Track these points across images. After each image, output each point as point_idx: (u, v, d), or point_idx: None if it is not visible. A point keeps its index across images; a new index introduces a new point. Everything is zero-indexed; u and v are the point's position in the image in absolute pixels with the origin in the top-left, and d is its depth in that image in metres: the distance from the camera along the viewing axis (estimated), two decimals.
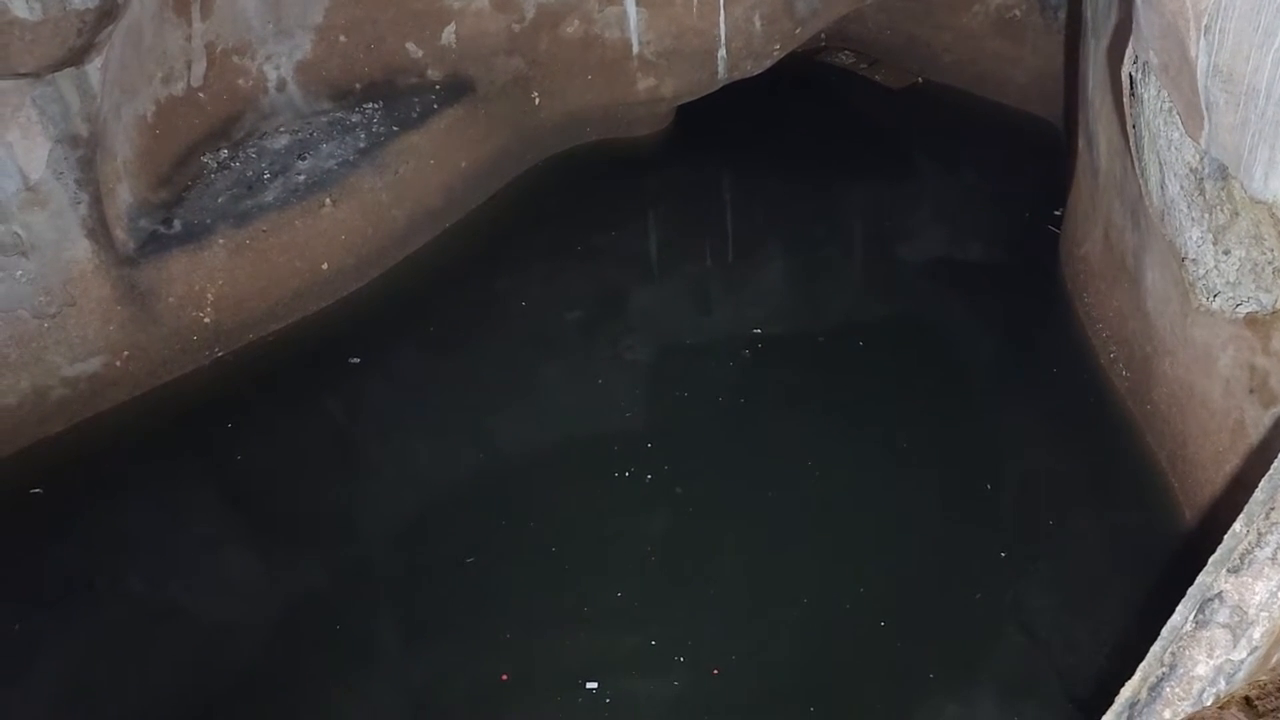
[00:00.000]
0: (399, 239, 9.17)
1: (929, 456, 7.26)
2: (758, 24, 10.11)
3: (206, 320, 8.04)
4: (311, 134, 9.14)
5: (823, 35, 11.79)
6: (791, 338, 8.49)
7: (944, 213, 10.05)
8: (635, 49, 10.14)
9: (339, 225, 8.68)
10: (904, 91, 11.86)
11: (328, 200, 8.59)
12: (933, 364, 8.06)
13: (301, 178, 8.68)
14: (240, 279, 8.17)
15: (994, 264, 9.31)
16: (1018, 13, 10.68)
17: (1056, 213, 9.23)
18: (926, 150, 11.02)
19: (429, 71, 9.72)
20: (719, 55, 10.24)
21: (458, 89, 9.71)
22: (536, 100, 10.23)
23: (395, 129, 9.24)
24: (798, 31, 10.49)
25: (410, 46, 9.60)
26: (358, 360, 8.28)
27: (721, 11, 9.92)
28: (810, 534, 6.79)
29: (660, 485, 7.14)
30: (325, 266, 8.63)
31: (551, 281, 9.24)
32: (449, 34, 9.67)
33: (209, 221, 8.16)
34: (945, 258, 9.49)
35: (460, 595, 6.50)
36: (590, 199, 10.14)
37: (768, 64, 10.58)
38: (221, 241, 8.09)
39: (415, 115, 9.40)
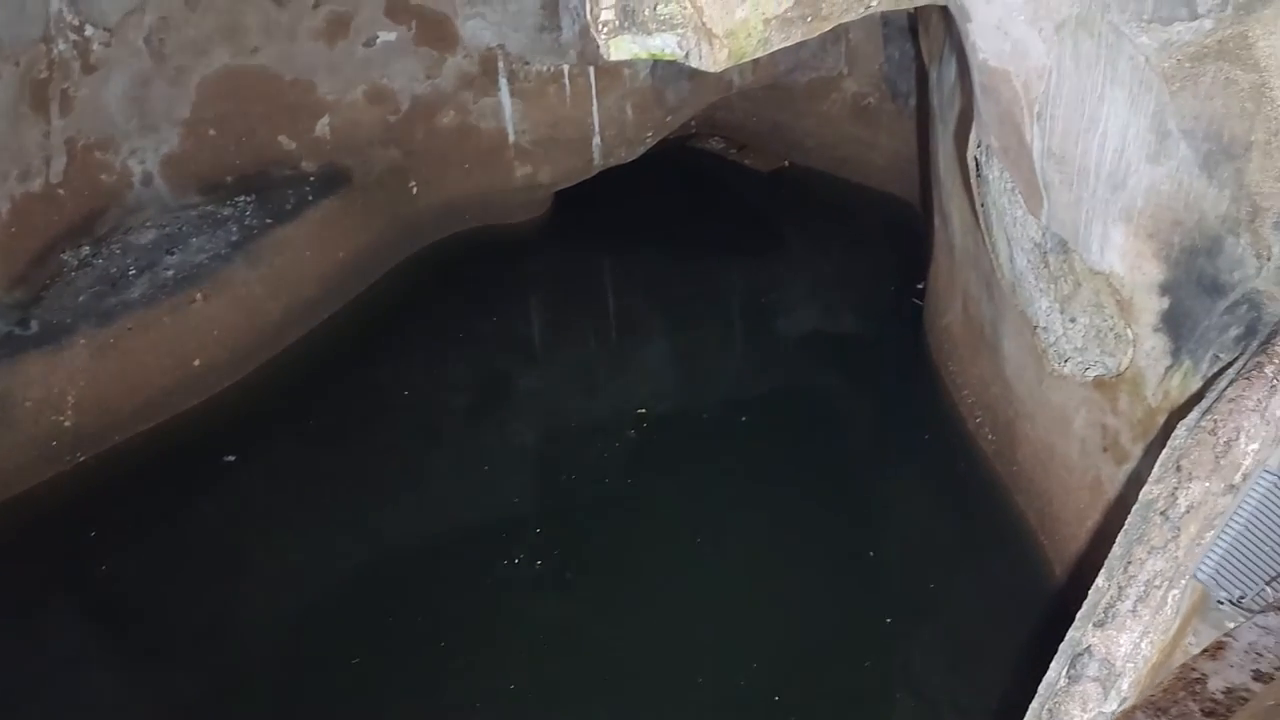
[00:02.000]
0: (275, 332, 8.99)
1: (814, 527, 7.41)
2: (630, 113, 10.46)
3: (67, 424, 7.68)
4: (180, 228, 8.95)
5: (693, 122, 12.25)
6: (676, 415, 8.61)
7: (816, 289, 10.45)
8: (511, 138, 10.34)
9: (211, 320, 8.46)
10: (773, 174, 12.38)
11: (198, 295, 8.38)
12: (812, 436, 8.28)
13: (170, 273, 8.45)
14: (104, 379, 7.86)
15: (864, 336, 9.69)
16: (872, 100, 11.34)
17: (919, 286, 9.70)
18: (796, 229, 11.49)
19: (303, 163, 9.68)
20: (594, 143, 10.53)
21: (333, 180, 9.69)
22: (414, 189, 10.28)
23: (269, 221, 9.13)
24: (668, 119, 10.89)
25: (283, 139, 9.56)
26: (233, 458, 8.01)
27: (595, 101, 10.24)
28: (702, 612, 6.80)
29: (550, 572, 7.09)
30: (197, 363, 8.38)
31: (434, 369, 9.18)
32: (323, 126, 9.68)
33: (69, 321, 7.85)
34: (819, 331, 9.84)
35: (345, 700, 6.25)
36: (471, 286, 10.18)
37: (641, 150, 10.93)
38: (83, 341, 7.78)
39: (289, 207, 9.32)
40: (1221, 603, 4.12)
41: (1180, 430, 4.58)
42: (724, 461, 8.03)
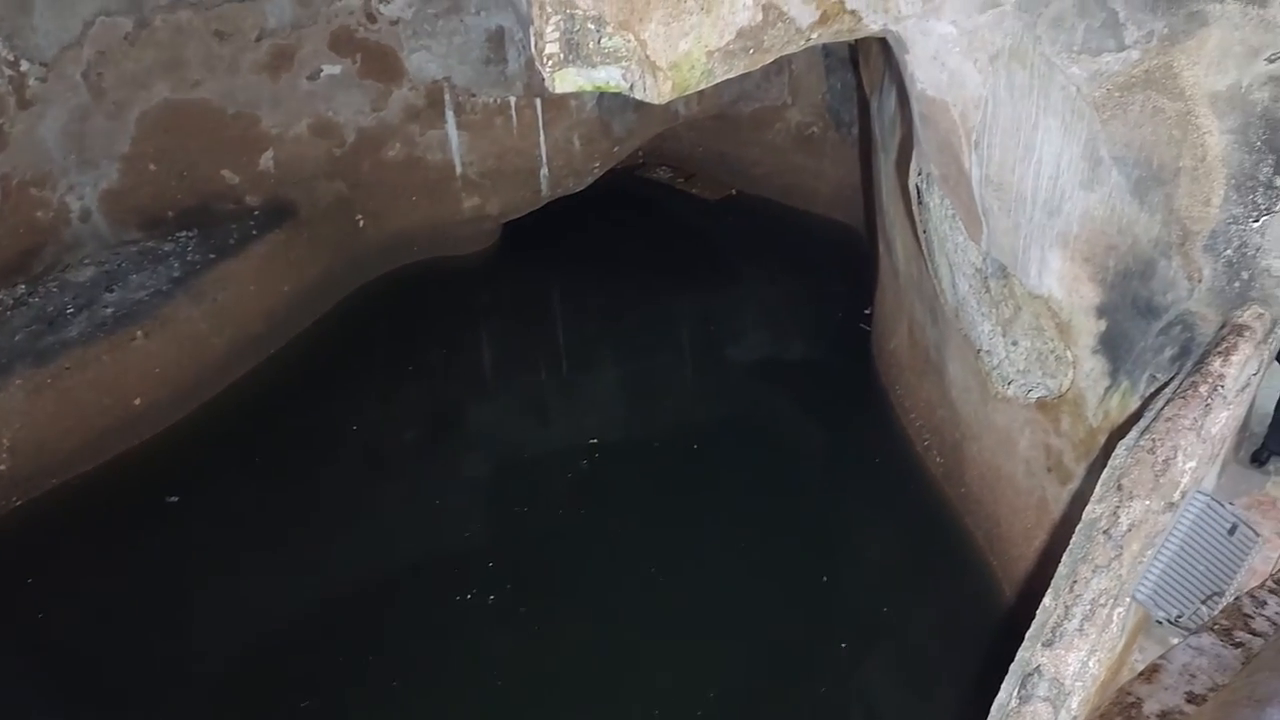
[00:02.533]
0: (219, 368, 8.84)
1: (768, 554, 7.43)
2: (577, 143, 10.52)
3: (2, 467, 7.46)
4: (120, 265, 8.78)
5: (641, 152, 12.35)
6: (628, 445, 8.61)
7: (765, 315, 10.54)
8: (459, 170, 10.33)
9: (152, 358, 8.29)
10: (720, 203, 12.52)
11: (139, 332, 8.21)
12: (764, 462, 8.32)
13: (109, 310, 8.28)
14: (41, 421, 7.65)
15: (813, 362, 9.79)
16: (816, 129, 11.53)
17: (866, 311, 9.84)
18: (745, 257, 11.59)
19: (247, 197, 9.57)
20: (541, 174, 10.57)
21: (278, 214, 9.59)
22: (360, 223, 10.21)
23: (212, 256, 9.00)
24: (616, 150, 10.97)
25: (226, 173, 9.45)
26: (176, 499, 7.83)
27: (541, 132, 10.29)
28: (658, 642, 6.77)
29: (503, 605, 7.01)
30: (138, 402, 8.20)
31: (384, 403, 9.09)
32: (267, 159, 9.59)
33: (4, 361, 7.65)
34: (769, 358, 9.92)
35: None
36: (420, 318, 10.12)
37: (589, 180, 10.98)
38: (18, 382, 7.58)
39: (233, 241, 9.20)
40: (1160, 622, 4.20)
41: (1120, 450, 4.67)
42: (676, 490, 8.04)
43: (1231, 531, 4.04)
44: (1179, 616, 4.01)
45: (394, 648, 6.66)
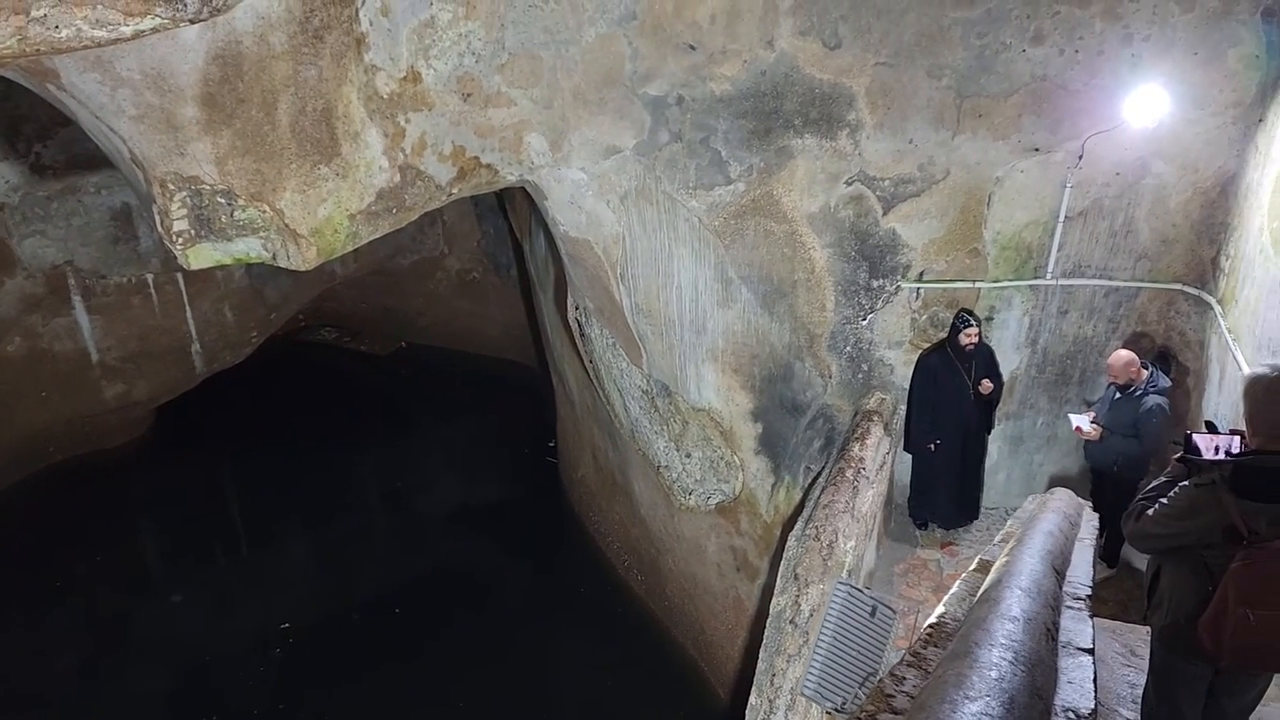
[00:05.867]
0: None
1: (485, 705, 7.16)
2: (230, 315, 9.99)
3: None
4: None
5: (301, 315, 11.96)
6: (325, 623, 8.04)
7: (451, 462, 10.40)
8: (95, 357, 9.42)
9: None
10: (391, 356, 12.36)
11: None
12: (469, 613, 8.08)
13: None
14: None
15: (506, 501, 9.74)
16: (476, 274, 11.80)
17: (551, 444, 10.01)
18: (423, 407, 11.44)
19: None
20: (193, 350, 9.89)
21: None
22: None
23: None
24: (273, 316, 10.54)
25: None
26: None
27: (188, 307, 9.66)
28: None
29: None
30: None
31: (33, 629, 7.88)
32: None
33: None
34: (461, 505, 9.76)
35: None
36: (66, 526, 8.97)
37: (248, 351, 10.44)
38: None
39: None
40: (829, 713, 4.41)
41: (791, 541, 5.04)
42: (382, 661, 7.58)
43: (872, 613, 4.40)
44: (843, 703, 4.26)
45: None
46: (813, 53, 5.31)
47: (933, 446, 5.90)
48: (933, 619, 2.66)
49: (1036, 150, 5.50)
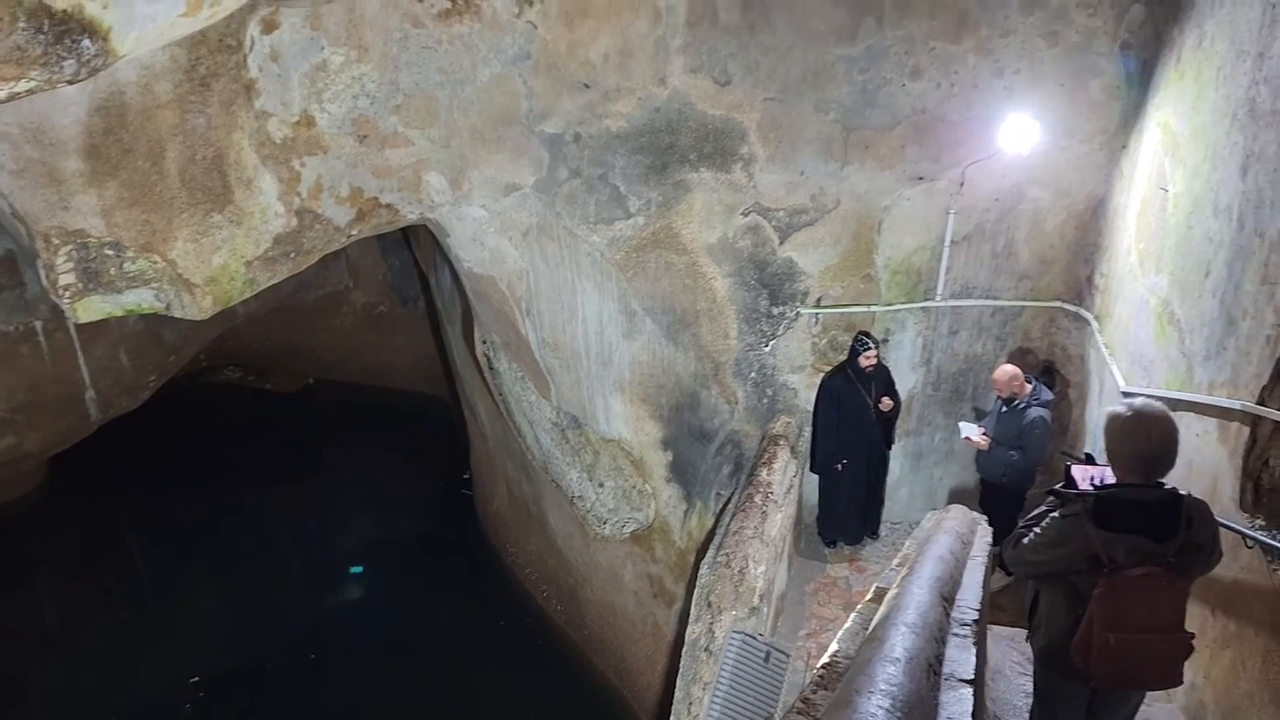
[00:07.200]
0: None
1: None
2: (125, 359, 9.68)
3: None
4: None
5: (203, 356, 11.66)
6: (237, 674, 7.82)
7: (364, 498, 10.25)
8: None
9: None
10: (297, 394, 12.14)
11: None
12: (388, 653, 7.96)
13: None
14: None
15: (422, 536, 9.64)
16: (383, 308, 11.68)
17: (465, 476, 9.95)
18: (332, 445, 11.25)
19: None
20: (88, 397, 9.54)
21: None
22: None
23: None
24: (172, 359, 10.26)
25: None
26: None
27: (80, 354, 9.32)
28: None
29: None
30: None
31: None
32: None
33: None
34: (377, 541, 9.62)
35: None
36: None
37: (147, 395, 10.12)
38: None
39: None
40: None
41: (704, 568, 5.12)
42: (300, 711, 7.42)
43: (766, 659, 4.50)
44: None
45: None
46: (704, 89, 5.45)
47: (840, 467, 6.07)
48: (825, 658, 2.75)
49: (921, 179, 5.73)
